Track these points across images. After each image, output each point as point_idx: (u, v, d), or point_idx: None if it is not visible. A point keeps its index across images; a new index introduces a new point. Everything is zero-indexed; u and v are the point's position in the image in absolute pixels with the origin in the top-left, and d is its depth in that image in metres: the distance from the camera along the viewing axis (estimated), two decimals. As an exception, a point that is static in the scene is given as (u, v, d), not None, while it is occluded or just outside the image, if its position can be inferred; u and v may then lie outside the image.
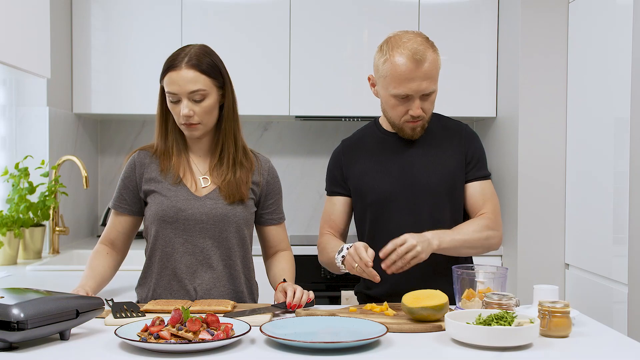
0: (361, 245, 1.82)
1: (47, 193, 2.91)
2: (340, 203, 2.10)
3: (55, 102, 3.14)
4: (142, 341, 1.39)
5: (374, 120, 2.14)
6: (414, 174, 2.00)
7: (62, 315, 1.45)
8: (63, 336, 1.48)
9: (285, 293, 1.79)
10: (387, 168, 2.02)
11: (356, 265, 1.80)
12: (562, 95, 3.15)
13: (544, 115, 3.15)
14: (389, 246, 1.80)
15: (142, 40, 3.37)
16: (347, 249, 1.86)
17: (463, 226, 1.95)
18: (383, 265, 1.80)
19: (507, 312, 1.51)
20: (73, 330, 1.52)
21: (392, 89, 1.91)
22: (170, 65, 1.84)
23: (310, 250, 3.23)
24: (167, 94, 1.85)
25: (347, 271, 1.89)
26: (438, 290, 1.67)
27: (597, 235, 2.80)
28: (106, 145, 3.79)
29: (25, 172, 2.85)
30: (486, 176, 2.05)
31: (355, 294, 2.18)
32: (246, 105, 3.38)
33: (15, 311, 1.36)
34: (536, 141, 3.15)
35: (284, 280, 1.89)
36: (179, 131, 1.94)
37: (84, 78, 3.36)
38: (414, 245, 1.79)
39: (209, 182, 1.93)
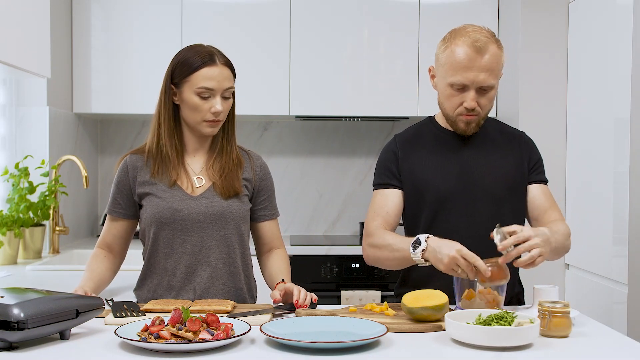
0: (461, 247, 1.69)
1: (47, 193, 2.91)
2: (395, 195, 1.99)
3: (55, 101, 3.14)
4: (142, 341, 1.39)
5: (429, 117, 2.08)
6: (474, 175, 1.95)
7: (62, 315, 1.45)
8: (63, 336, 1.48)
9: (286, 293, 1.79)
10: (447, 167, 1.97)
11: (460, 270, 1.69)
12: (562, 95, 3.15)
13: (544, 115, 3.15)
14: (511, 240, 1.67)
15: (142, 40, 3.37)
16: (426, 240, 1.76)
17: (552, 227, 1.86)
18: (502, 260, 1.68)
19: (507, 312, 1.51)
20: (73, 330, 1.52)
21: (449, 77, 1.87)
22: (206, 60, 1.86)
23: (310, 250, 3.23)
24: (198, 89, 1.84)
25: (424, 265, 1.79)
26: (438, 290, 1.67)
27: (597, 235, 2.80)
28: (106, 145, 3.79)
29: (25, 172, 2.85)
30: (546, 181, 2.04)
31: (397, 295, 2.07)
32: (246, 105, 3.40)
33: (15, 311, 1.36)
34: (536, 141, 3.11)
35: (283, 280, 1.89)
36: (178, 131, 1.94)
37: (84, 78, 3.36)
38: (537, 244, 1.67)
39: (204, 181, 1.93)
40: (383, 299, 3.18)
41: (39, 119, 3.03)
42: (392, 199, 1.99)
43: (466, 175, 1.95)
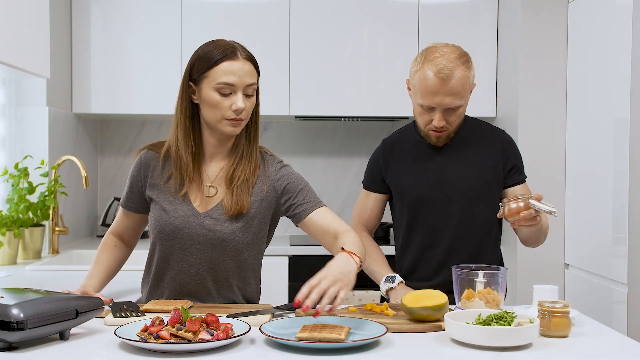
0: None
1: (46, 193, 2.91)
2: (374, 199, 2.21)
3: (55, 102, 3.14)
4: (141, 341, 1.39)
5: (414, 121, 2.20)
6: (447, 177, 2.08)
7: (62, 315, 1.45)
8: (63, 336, 1.48)
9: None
10: (423, 170, 2.11)
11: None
12: (562, 95, 3.15)
13: (544, 115, 3.15)
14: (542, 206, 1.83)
15: (142, 40, 3.37)
16: (399, 281, 2.04)
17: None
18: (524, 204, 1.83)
19: (507, 312, 1.51)
20: (73, 330, 1.52)
21: (419, 98, 2.01)
22: (226, 54, 1.74)
23: (310, 250, 3.23)
24: (218, 85, 1.73)
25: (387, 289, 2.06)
26: (438, 290, 1.68)
27: (596, 235, 2.80)
28: (106, 145, 3.79)
29: (24, 172, 2.85)
30: (524, 179, 2.16)
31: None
32: (246, 105, 3.40)
33: (15, 311, 1.36)
34: (536, 141, 3.15)
35: (343, 249, 1.68)
36: (196, 133, 1.83)
37: (84, 78, 3.36)
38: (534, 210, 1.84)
39: (216, 192, 1.84)
40: (383, 299, 3.17)
41: (39, 119, 3.04)
42: (371, 202, 2.22)
43: (440, 178, 2.09)
